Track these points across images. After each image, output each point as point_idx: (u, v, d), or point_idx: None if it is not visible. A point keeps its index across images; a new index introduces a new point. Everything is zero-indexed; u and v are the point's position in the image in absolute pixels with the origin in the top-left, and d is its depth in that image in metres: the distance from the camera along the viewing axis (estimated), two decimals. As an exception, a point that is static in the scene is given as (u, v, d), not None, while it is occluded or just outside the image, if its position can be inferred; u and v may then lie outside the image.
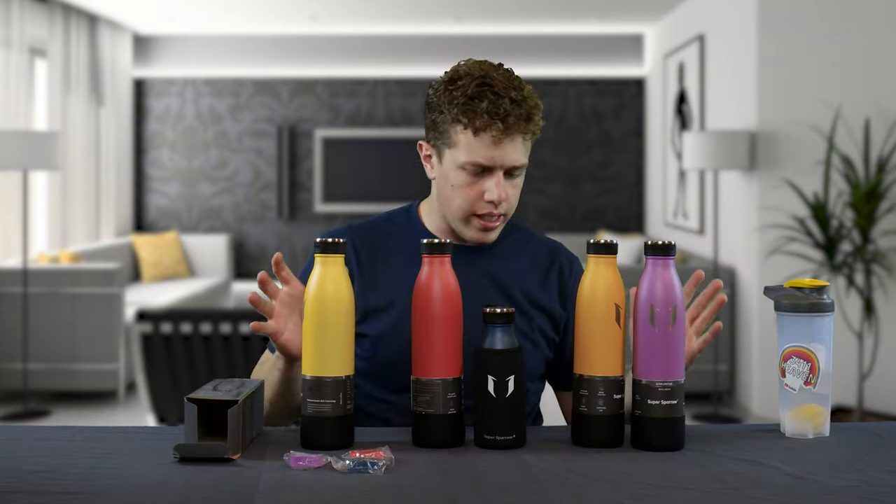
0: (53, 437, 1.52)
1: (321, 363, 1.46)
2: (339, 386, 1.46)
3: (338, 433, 1.46)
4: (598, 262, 1.49)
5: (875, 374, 5.19)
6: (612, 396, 1.48)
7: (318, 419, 1.46)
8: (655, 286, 1.47)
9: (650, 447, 1.46)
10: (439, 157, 1.75)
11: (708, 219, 6.40)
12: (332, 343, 1.47)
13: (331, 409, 1.46)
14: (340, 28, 8.47)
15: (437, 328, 1.48)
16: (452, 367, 1.49)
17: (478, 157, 1.69)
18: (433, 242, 1.49)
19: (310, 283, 1.48)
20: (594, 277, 1.49)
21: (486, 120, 1.67)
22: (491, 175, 1.71)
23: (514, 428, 1.47)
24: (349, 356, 1.48)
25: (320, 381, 1.46)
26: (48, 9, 7.03)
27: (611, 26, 8.41)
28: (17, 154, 5.49)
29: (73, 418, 5.45)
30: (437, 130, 1.73)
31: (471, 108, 1.68)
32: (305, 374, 1.48)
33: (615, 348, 1.49)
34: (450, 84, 1.71)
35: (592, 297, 1.49)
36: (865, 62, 5.33)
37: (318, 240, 1.50)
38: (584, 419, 1.48)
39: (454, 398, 1.48)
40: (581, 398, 1.49)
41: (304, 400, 1.47)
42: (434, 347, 1.48)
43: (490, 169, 1.70)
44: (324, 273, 1.48)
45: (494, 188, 1.70)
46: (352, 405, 1.48)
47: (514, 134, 1.68)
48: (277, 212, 8.75)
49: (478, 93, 1.68)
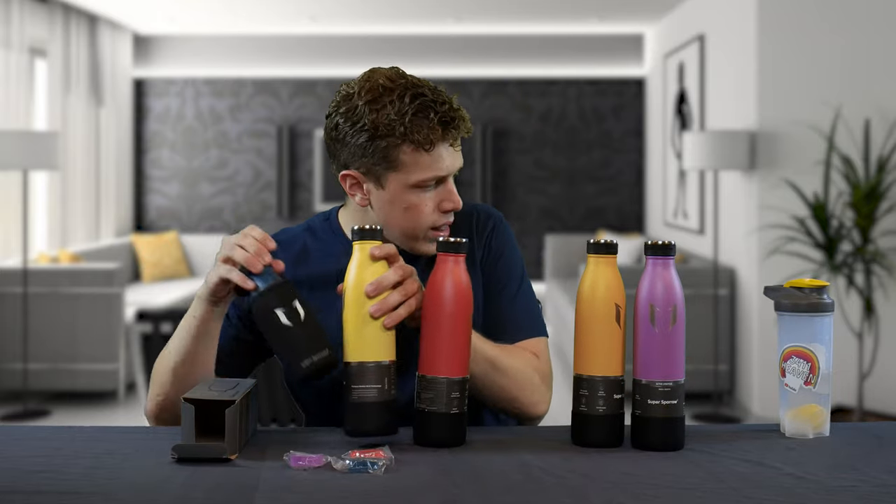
0: (53, 437, 1.52)
1: (363, 349, 1.46)
2: (382, 371, 1.47)
3: (384, 418, 1.46)
4: (598, 262, 1.49)
5: (875, 374, 5.19)
6: (613, 396, 1.48)
7: (363, 405, 1.46)
8: (655, 286, 1.47)
9: (650, 447, 1.46)
10: (379, 182, 1.66)
11: (708, 219, 6.40)
12: (374, 328, 1.47)
13: (376, 395, 1.46)
14: (340, 28, 8.47)
15: (447, 327, 1.48)
16: (458, 367, 1.49)
17: (437, 171, 1.64)
18: (449, 241, 1.49)
19: (349, 270, 1.49)
20: (594, 277, 1.49)
21: (440, 133, 1.62)
22: (444, 184, 1.68)
23: (324, 344, 1.46)
24: (391, 341, 1.48)
25: (363, 366, 1.46)
26: (48, 9, 7.02)
27: (611, 26, 8.41)
28: (17, 154, 5.48)
29: (73, 418, 5.45)
30: (374, 156, 1.63)
31: (420, 125, 1.61)
32: (349, 360, 1.47)
33: (615, 348, 1.48)
34: (373, 105, 1.61)
35: (592, 297, 1.48)
36: (865, 62, 5.33)
37: (356, 227, 1.49)
38: (585, 419, 1.48)
39: (457, 398, 1.48)
40: (581, 398, 1.49)
41: (348, 386, 1.47)
42: (442, 345, 1.48)
43: (443, 178, 1.67)
44: (362, 259, 1.48)
45: (452, 195, 1.68)
46: (395, 390, 1.48)
47: (457, 139, 1.66)
48: (277, 212, 8.75)
49: (420, 107, 1.61)
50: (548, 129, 8.81)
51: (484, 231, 1.80)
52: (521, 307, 1.77)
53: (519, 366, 1.68)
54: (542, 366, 1.73)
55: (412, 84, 1.63)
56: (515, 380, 1.67)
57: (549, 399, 1.74)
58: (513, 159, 8.80)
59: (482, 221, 1.81)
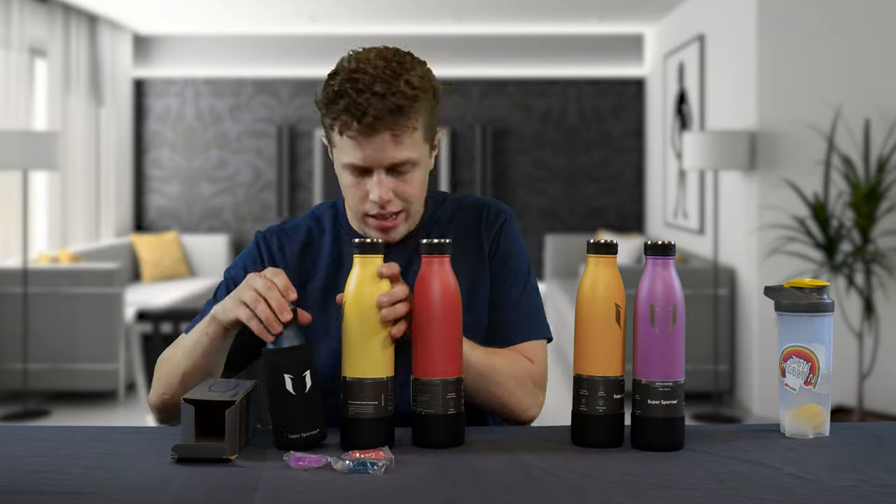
0: (53, 437, 1.52)
1: (361, 365, 1.46)
2: (380, 387, 1.46)
3: (379, 434, 1.46)
4: (598, 262, 1.49)
5: (875, 374, 5.19)
6: (612, 396, 1.48)
7: (359, 420, 1.45)
8: (655, 286, 1.47)
9: (650, 447, 1.46)
10: (331, 155, 1.69)
11: (708, 219, 6.40)
12: (373, 345, 1.46)
13: (372, 411, 1.45)
14: (340, 28, 8.47)
15: (437, 328, 1.48)
16: (452, 367, 1.49)
17: (352, 159, 1.62)
18: (432, 242, 1.48)
19: (348, 285, 1.47)
20: (594, 277, 1.49)
21: (344, 120, 1.59)
22: (371, 175, 1.64)
23: (318, 422, 1.45)
24: (389, 357, 1.48)
25: (361, 382, 1.46)
26: (48, 9, 7.03)
27: (611, 26, 8.41)
28: (17, 154, 5.48)
29: (73, 418, 5.45)
30: (324, 129, 1.66)
31: (333, 109, 1.60)
32: (345, 376, 1.47)
33: (615, 348, 1.48)
34: (329, 79, 1.62)
35: (592, 297, 1.48)
36: (865, 62, 5.33)
37: (356, 241, 1.47)
38: (585, 419, 1.48)
39: (454, 398, 1.48)
40: (581, 398, 1.49)
41: (345, 401, 1.47)
42: (434, 347, 1.48)
43: (369, 169, 1.63)
44: (362, 274, 1.47)
45: (375, 188, 1.63)
46: (392, 406, 1.48)
47: (379, 131, 1.58)
48: (277, 212, 8.75)
49: (340, 91, 1.58)
50: (548, 129, 8.81)
51: (493, 226, 1.79)
52: (524, 308, 1.76)
53: (510, 372, 1.67)
54: (537, 370, 1.72)
55: (360, 67, 1.59)
56: (505, 386, 1.66)
57: (542, 403, 1.73)
58: (513, 159, 8.80)
59: (492, 216, 1.79)
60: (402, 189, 1.65)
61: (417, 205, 1.71)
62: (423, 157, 1.66)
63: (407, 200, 1.67)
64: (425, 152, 1.67)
